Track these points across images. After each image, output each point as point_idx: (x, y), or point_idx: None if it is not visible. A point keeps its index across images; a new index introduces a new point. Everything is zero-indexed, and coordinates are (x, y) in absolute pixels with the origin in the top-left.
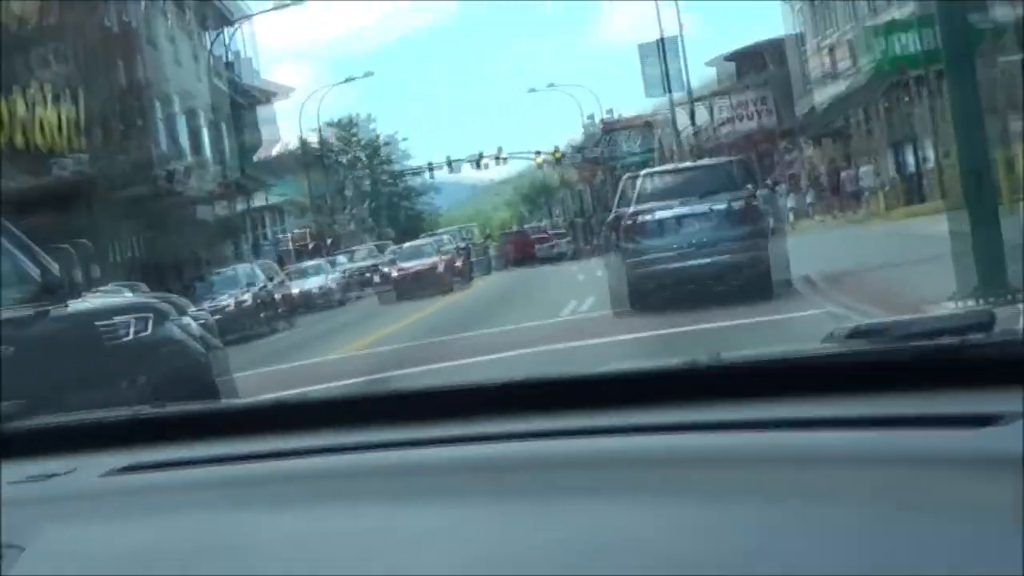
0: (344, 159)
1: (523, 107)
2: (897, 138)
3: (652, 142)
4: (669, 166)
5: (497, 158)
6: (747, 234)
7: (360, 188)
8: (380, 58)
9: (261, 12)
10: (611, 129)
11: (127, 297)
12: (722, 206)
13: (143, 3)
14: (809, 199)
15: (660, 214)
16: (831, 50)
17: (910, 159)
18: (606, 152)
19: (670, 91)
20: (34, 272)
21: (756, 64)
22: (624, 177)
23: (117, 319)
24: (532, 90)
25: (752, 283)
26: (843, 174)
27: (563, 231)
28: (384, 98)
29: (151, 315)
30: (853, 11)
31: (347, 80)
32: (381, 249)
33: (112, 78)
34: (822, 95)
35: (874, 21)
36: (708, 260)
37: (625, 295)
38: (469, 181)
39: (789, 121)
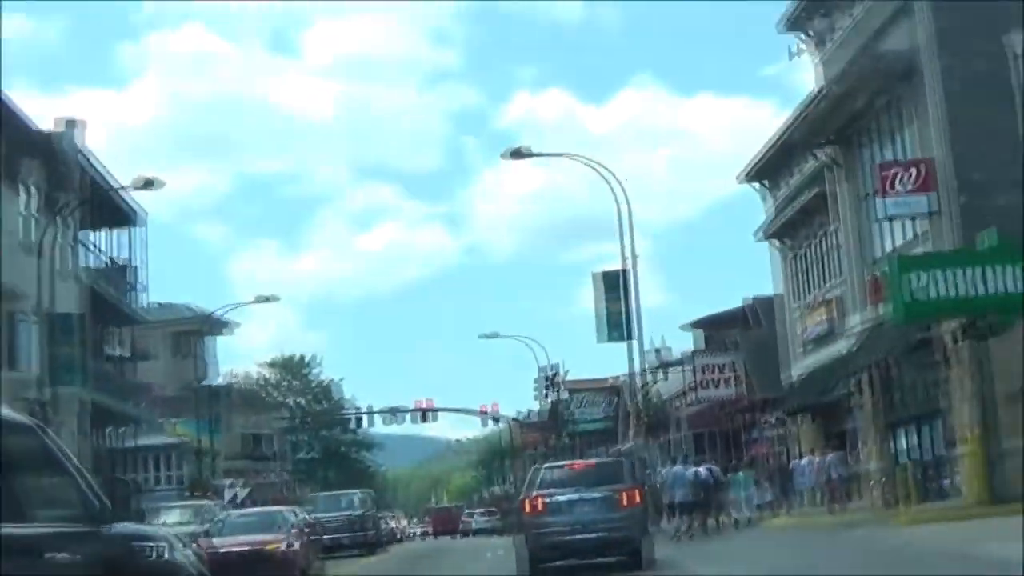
0: (290, 400)
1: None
2: (909, 413)
3: (610, 408)
4: (566, 461)
5: (427, 411)
6: (622, 518)
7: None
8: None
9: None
10: (573, 391)
11: None
12: (604, 494)
13: None
14: (768, 495)
15: (555, 498)
16: (821, 307)
17: (924, 442)
18: (567, 416)
19: (630, 338)
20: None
21: (728, 329)
22: (532, 467)
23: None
24: (491, 335)
25: (626, 555)
26: (803, 461)
27: (491, 508)
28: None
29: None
30: (838, 264)
31: (258, 300)
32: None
33: None
34: (808, 362)
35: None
36: (592, 536)
37: (526, 562)
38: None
39: (765, 392)
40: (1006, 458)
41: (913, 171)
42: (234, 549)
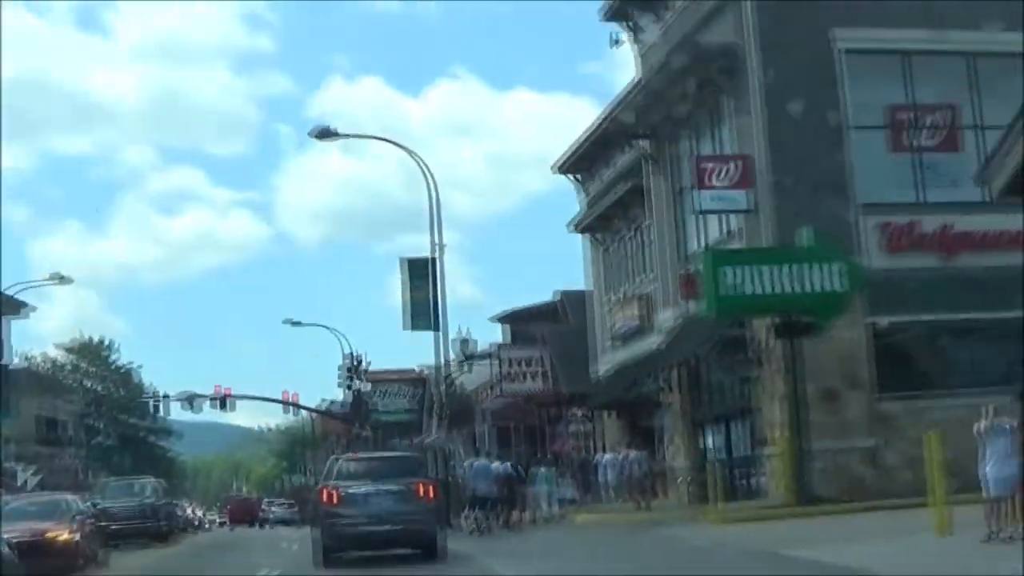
0: (87, 385)
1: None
2: (719, 411)
3: (411, 400)
4: (364, 453)
5: (225, 399)
6: (417, 511)
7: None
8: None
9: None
10: (376, 381)
11: None
12: (399, 487)
13: None
14: (570, 491)
15: (351, 490)
16: (632, 301)
17: (734, 440)
18: (372, 406)
19: (436, 328)
20: None
21: (536, 323)
22: (331, 457)
23: None
24: (295, 323)
25: (421, 548)
26: (606, 457)
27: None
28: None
29: None
30: (651, 259)
31: (52, 277)
32: None
33: None
34: (617, 357)
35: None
36: (387, 528)
37: (321, 552)
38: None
39: (573, 387)
40: (815, 459)
41: (730, 166)
42: (14, 538)
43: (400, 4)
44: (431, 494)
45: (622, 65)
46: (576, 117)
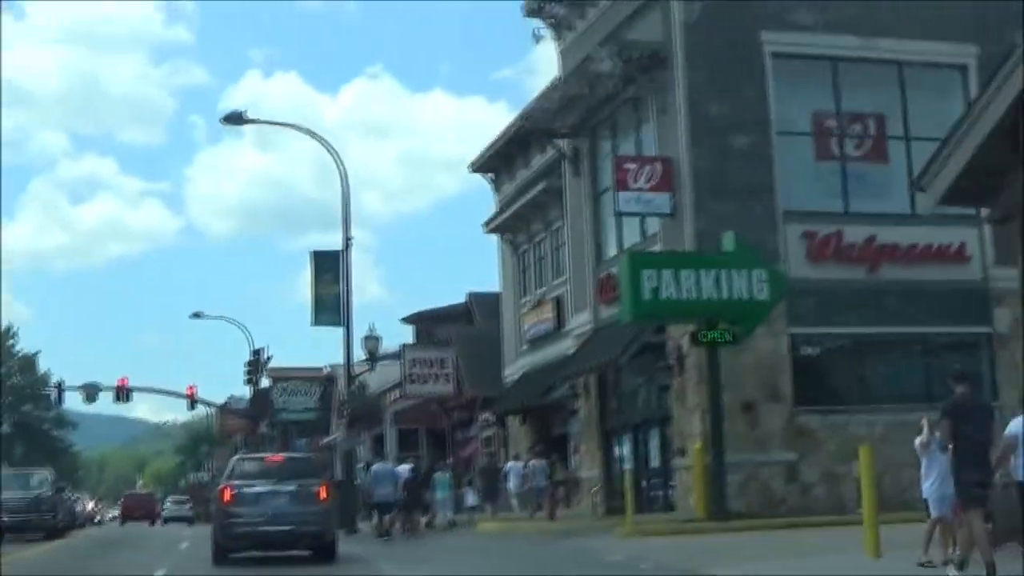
0: None
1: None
2: (632, 420)
3: (316, 399)
4: (263, 454)
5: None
6: (312, 512)
7: None
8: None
9: None
10: (278, 378)
11: None
12: (295, 488)
13: None
14: (472, 497)
15: (248, 489)
16: (546, 304)
17: (647, 450)
18: (279, 404)
19: (346, 324)
20: None
21: (445, 325)
22: (233, 457)
23: None
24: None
25: (316, 549)
26: (508, 464)
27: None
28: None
29: None
30: (566, 261)
31: None
32: None
33: None
34: (529, 361)
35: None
36: (282, 528)
37: (220, 550)
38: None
39: (482, 391)
40: (730, 472)
41: (652, 168)
42: None
43: (321, 3)
44: (326, 495)
45: (538, 71)
46: (491, 121)
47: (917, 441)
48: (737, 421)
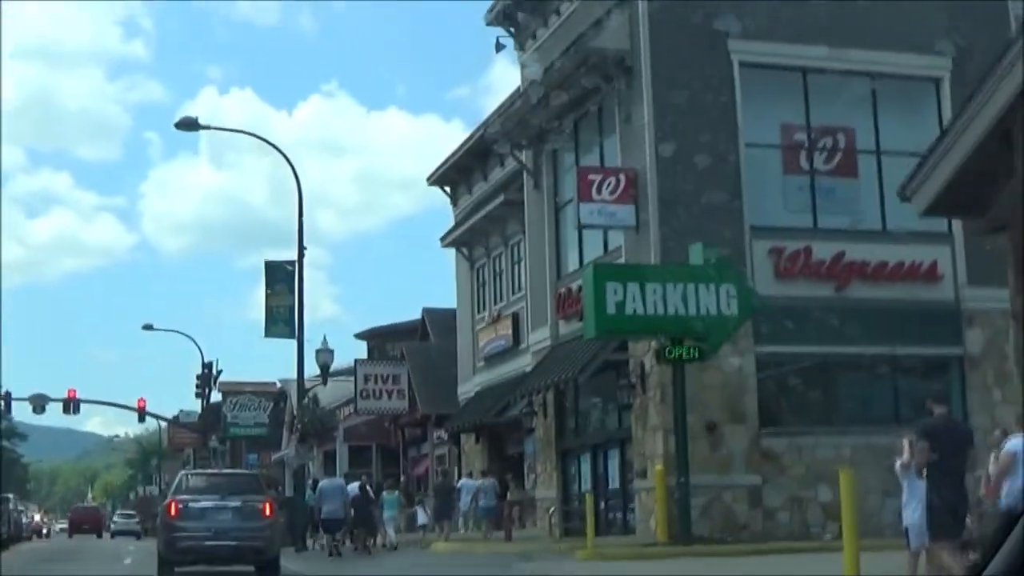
0: None
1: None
2: (591, 440)
3: (267, 414)
4: (210, 470)
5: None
6: (256, 528)
7: None
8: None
9: None
10: (228, 392)
11: None
12: (240, 504)
13: None
14: (423, 516)
15: (193, 504)
16: (504, 320)
17: (607, 471)
18: (231, 418)
19: (299, 335)
20: None
21: (398, 341)
22: (180, 472)
23: None
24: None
25: (259, 565)
26: (459, 483)
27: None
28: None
29: None
30: (524, 275)
31: None
32: None
33: None
34: (485, 378)
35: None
36: (225, 544)
37: (165, 564)
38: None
39: (436, 408)
40: (692, 496)
41: (614, 179)
42: None
43: (278, 20)
44: (269, 512)
45: (494, 90)
46: (446, 139)
47: (898, 463)
48: (700, 442)
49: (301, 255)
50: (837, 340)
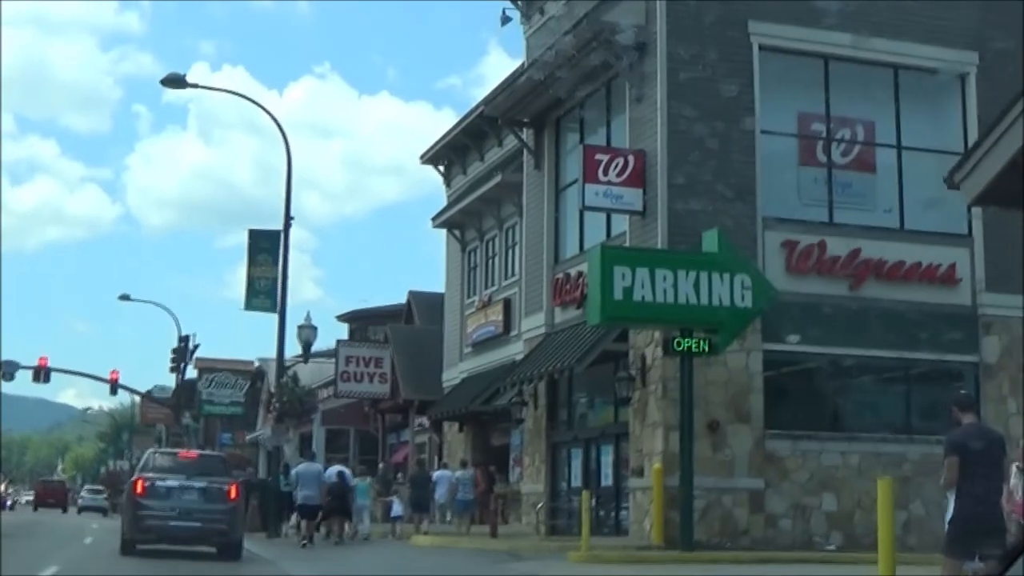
0: None
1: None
2: (584, 434)
3: (243, 393)
4: (177, 450)
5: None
6: (220, 510)
7: None
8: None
9: None
10: (205, 369)
11: None
12: (205, 485)
13: None
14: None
15: (159, 483)
16: (496, 305)
17: (600, 468)
18: (206, 395)
19: (281, 308)
20: None
21: (382, 325)
22: (148, 451)
23: None
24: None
25: (221, 547)
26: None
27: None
28: None
29: None
30: (520, 259)
31: None
32: None
33: None
34: (473, 365)
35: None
36: (188, 524)
37: (128, 542)
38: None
39: (419, 394)
40: (693, 497)
41: (622, 160)
42: None
43: (273, 1)
44: (233, 495)
45: (486, 81)
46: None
47: (942, 480)
48: (701, 442)
49: (288, 224)
50: (849, 341)
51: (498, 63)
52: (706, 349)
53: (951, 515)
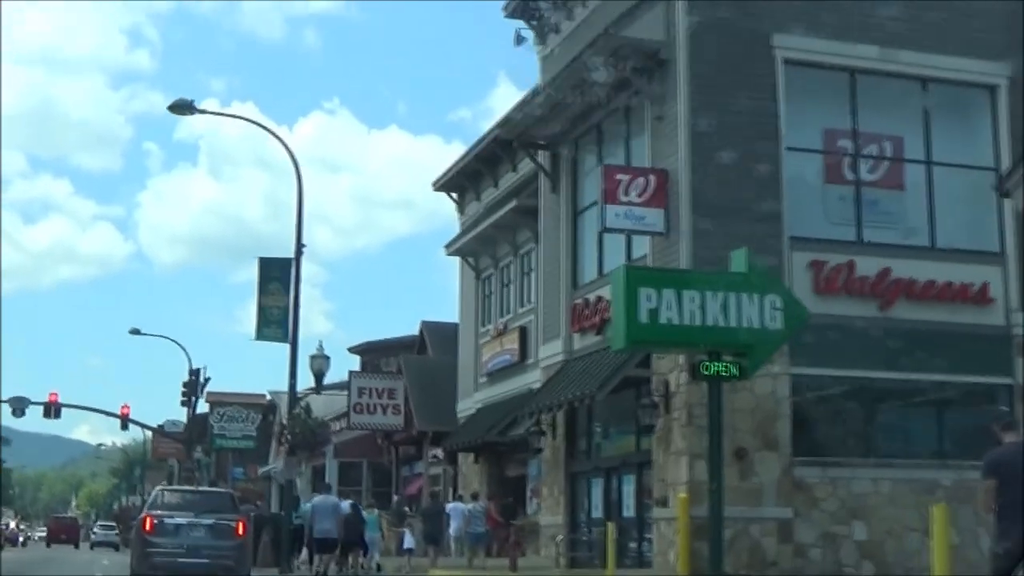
0: None
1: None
2: (605, 463)
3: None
4: (185, 487)
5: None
6: (228, 547)
7: None
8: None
9: None
10: (216, 403)
11: None
12: (213, 522)
13: None
14: (409, 539)
15: (167, 520)
16: (511, 333)
17: (622, 498)
18: (219, 430)
19: (293, 337)
20: None
21: (394, 357)
22: (155, 489)
23: None
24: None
25: None
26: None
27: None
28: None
29: None
30: (537, 285)
31: None
32: None
33: None
34: (488, 395)
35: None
36: (196, 561)
37: None
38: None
39: (433, 425)
40: (721, 528)
41: (643, 180)
42: None
43: (282, 35)
44: (243, 531)
45: (495, 113)
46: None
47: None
48: (727, 470)
49: (299, 251)
50: (879, 364)
51: (508, 95)
52: (736, 373)
53: (996, 542)
